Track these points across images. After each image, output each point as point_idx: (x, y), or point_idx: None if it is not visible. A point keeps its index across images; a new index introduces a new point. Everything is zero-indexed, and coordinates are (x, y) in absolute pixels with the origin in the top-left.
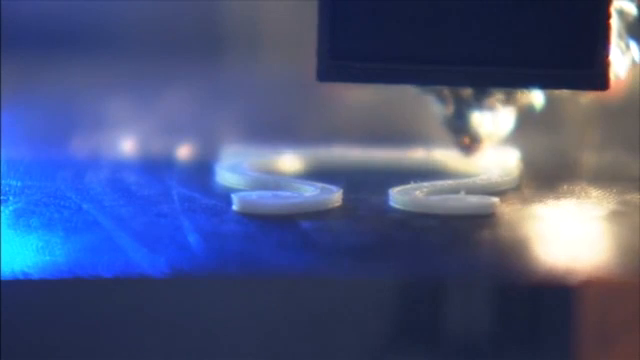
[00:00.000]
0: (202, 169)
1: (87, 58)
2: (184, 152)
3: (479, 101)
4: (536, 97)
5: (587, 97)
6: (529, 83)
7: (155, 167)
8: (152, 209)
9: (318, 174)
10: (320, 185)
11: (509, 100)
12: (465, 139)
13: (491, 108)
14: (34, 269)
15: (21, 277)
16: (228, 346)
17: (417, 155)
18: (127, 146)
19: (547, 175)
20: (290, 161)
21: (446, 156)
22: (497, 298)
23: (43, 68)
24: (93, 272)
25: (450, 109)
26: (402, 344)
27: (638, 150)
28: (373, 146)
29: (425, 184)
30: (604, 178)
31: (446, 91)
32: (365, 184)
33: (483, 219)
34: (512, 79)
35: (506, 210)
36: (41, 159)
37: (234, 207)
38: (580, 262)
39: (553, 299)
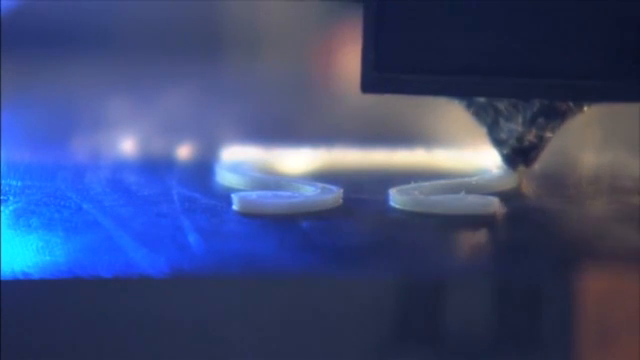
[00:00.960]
0: (202, 169)
1: (87, 58)
2: (184, 152)
3: (524, 114)
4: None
5: None
6: (578, 95)
7: (155, 167)
8: (152, 209)
9: (318, 174)
10: (320, 185)
11: (555, 112)
12: (508, 152)
13: (537, 121)
14: (34, 269)
15: (21, 277)
16: (228, 345)
17: (417, 155)
18: (127, 146)
19: (547, 175)
20: (290, 161)
21: (446, 156)
22: (497, 298)
23: (43, 68)
24: (93, 272)
25: (495, 122)
26: (402, 343)
27: (638, 150)
28: (373, 146)
29: (425, 184)
30: (604, 178)
31: (496, 104)
32: (365, 184)
33: (483, 219)
34: (561, 91)
35: (506, 210)
36: (41, 159)
37: (234, 207)
38: (580, 261)
39: (553, 298)
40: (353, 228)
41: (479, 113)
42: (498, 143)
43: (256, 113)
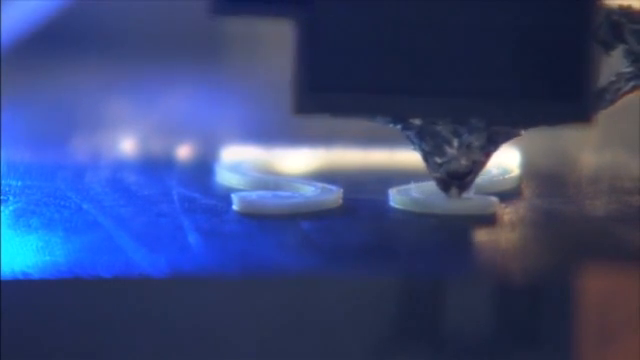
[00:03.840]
0: (202, 169)
1: (87, 58)
2: (184, 152)
3: (460, 138)
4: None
5: None
6: (513, 116)
7: (155, 167)
8: (152, 209)
9: (318, 174)
10: (320, 185)
11: (492, 134)
12: (443, 176)
13: (472, 145)
14: (34, 269)
15: (21, 277)
16: (228, 346)
17: (417, 155)
18: (127, 146)
19: (547, 175)
20: (290, 161)
21: None
22: (497, 297)
23: (43, 68)
24: (93, 272)
25: (429, 145)
26: (402, 343)
27: (638, 150)
28: (373, 146)
29: (425, 184)
30: (604, 178)
31: (432, 127)
32: (365, 184)
33: (483, 219)
34: (496, 112)
35: (506, 210)
36: (41, 159)
37: (234, 207)
38: (580, 261)
39: (553, 298)
40: (353, 228)
41: (414, 136)
42: (433, 167)
43: (256, 113)
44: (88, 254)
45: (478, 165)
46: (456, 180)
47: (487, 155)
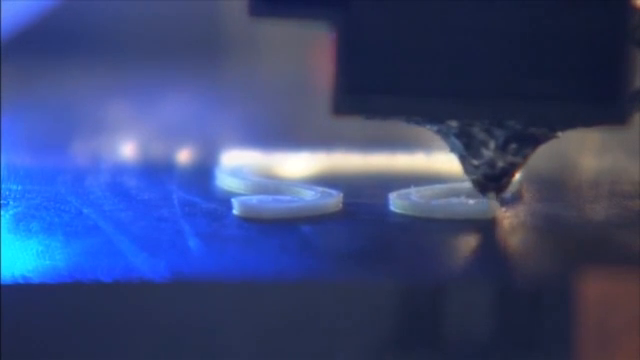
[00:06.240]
0: (202, 173)
1: (87, 62)
2: (184, 156)
3: (497, 140)
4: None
5: None
6: (549, 118)
7: (155, 171)
8: (152, 213)
9: (318, 178)
10: (320, 189)
11: (528, 138)
12: (480, 179)
13: (509, 147)
14: (34, 273)
15: (21, 281)
16: (228, 350)
17: (417, 159)
18: (127, 150)
19: (547, 179)
20: (290, 165)
21: (446, 160)
22: (497, 301)
23: (43, 72)
24: (93, 276)
25: (467, 147)
26: (402, 348)
27: (638, 154)
28: (373, 150)
29: (425, 188)
30: (604, 182)
31: (468, 129)
32: (365, 188)
33: (483, 224)
34: (533, 113)
35: (506, 214)
36: (41, 163)
37: (234, 211)
38: (580, 266)
39: (553, 303)
40: (353, 233)
41: (450, 138)
42: (469, 169)
43: (256, 117)
44: (88, 258)
45: (515, 167)
46: (492, 182)
47: (524, 157)
